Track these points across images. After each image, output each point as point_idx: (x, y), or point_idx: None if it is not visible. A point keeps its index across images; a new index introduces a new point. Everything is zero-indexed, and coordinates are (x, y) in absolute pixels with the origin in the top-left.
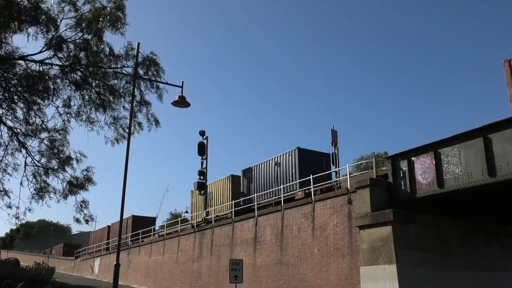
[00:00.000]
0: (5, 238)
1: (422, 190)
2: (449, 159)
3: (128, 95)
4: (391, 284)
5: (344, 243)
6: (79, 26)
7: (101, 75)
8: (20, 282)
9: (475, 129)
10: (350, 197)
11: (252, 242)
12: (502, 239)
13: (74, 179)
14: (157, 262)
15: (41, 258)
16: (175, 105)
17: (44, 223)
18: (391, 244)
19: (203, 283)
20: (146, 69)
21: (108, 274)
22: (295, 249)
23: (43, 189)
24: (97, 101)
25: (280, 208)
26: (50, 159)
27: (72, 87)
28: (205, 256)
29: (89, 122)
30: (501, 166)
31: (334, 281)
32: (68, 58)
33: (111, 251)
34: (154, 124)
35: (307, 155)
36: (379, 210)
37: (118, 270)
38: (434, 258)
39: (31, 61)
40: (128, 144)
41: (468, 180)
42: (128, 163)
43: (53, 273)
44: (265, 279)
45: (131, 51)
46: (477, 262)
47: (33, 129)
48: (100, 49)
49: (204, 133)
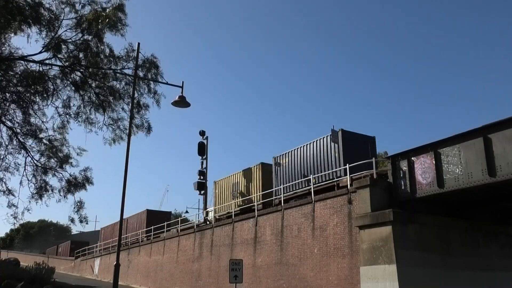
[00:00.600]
0: (5, 238)
1: (422, 190)
2: (449, 159)
3: (127, 97)
4: (391, 284)
5: (344, 243)
6: (79, 27)
7: (101, 76)
8: (20, 282)
9: (475, 129)
10: (350, 197)
11: (252, 242)
12: (502, 239)
13: (72, 178)
14: (157, 262)
15: (41, 258)
16: (175, 105)
17: (44, 223)
18: (391, 244)
19: (203, 283)
20: (146, 72)
21: (108, 274)
22: (295, 249)
23: (42, 188)
24: (96, 102)
25: (280, 208)
26: (50, 158)
27: (72, 87)
28: (205, 256)
29: (88, 122)
30: (501, 166)
31: (334, 281)
32: (68, 59)
33: (111, 251)
34: (147, 130)
35: (351, 138)
36: (379, 210)
37: (118, 270)
38: (434, 258)
39: (31, 61)
40: (128, 144)
41: (468, 180)
42: (128, 163)
43: (53, 273)
44: (265, 279)
45: (132, 53)
46: (477, 262)
47: (32, 129)
48: (100, 50)
49: (204, 133)
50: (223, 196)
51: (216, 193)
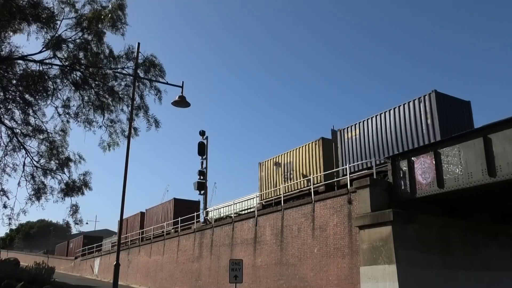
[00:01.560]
0: (5, 238)
1: (422, 190)
2: (449, 159)
3: (127, 98)
4: (391, 284)
5: (344, 243)
6: (79, 26)
7: (101, 76)
8: (20, 282)
9: (475, 129)
10: (350, 197)
11: (252, 242)
12: (501, 239)
13: (71, 182)
14: (157, 262)
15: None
16: (175, 105)
17: (44, 223)
18: (391, 244)
19: (203, 283)
20: (146, 71)
21: (108, 274)
22: (295, 249)
23: (40, 190)
24: (96, 103)
25: (280, 208)
26: (50, 160)
27: (72, 87)
28: (205, 256)
29: (87, 123)
30: (501, 166)
31: (334, 281)
32: (67, 59)
33: (111, 251)
34: (154, 125)
35: (447, 101)
36: (379, 210)
37: (118, 270)
38: (434, 258)
39: (31, 61)
40: (128, 145)
41: (468, 180)
42: (128, 164)
43: (53, 273)
44: (265, 279)
45: (131, 54)
46: (477, 262)
47: (32, 129)
48: (100, 51)
49: (204, 133)
50: (271, 179)
51: (261, 176)
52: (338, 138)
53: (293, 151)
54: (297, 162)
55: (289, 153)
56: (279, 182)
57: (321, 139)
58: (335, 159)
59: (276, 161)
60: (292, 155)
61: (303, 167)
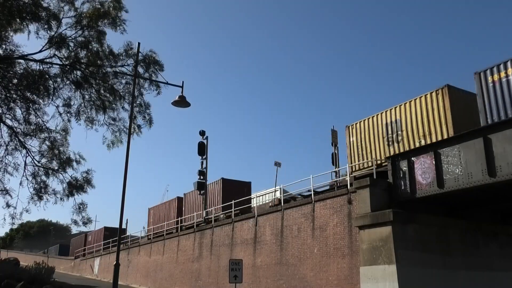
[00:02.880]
0: (5, 238)
1: (422, 190)
2: (449, 159)
3: (128, 96)
4: (391, 284)
5: (344, 243)
6: (79, 24)
7: (101, 75)
8: (20, 282)
9: (475, 129)
10: (350, 197)
11: (252, 242)
12: (501, 239)
13: (73, 180)
14: (157, 262)
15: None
16: (175, 105)
17: (44, 223)
18: (391, 244)
19: (203, 283)
20: (146, 68)
21: (108, 274)
22: (295, 249)
23: (42, 190)
24: (97, 102)
25: (280, 208)
26: (51, 159)
27: (72, 86)
28: (205, 256)
29: (88, 121)
30: (501, 166)
31: (334, 281)
32: (68, 58)
33: (111, 250)
34: (148, 123)
35: None
36: (379, 210)
37: (118, 270)
38: (434, 258)
39: (31, 60)
40: (128, 144)
41: (468, 180)
42: (128, 164)
43: (53, 273)
44: (265, 279)
45: (131, 51)
46: (477, 262)
47: (33, 128)
48: (100, 50)
49: (204, 133)
50: (366, 145)
51: (351, 143)
52: (476, 85)
53: (400, 106)
54: (408, 119)
55: (393, 110)
56: (377, 147)
57: (447, 87)
58: (473, 112)
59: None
60: (400, 111)
61: (418, 125)
